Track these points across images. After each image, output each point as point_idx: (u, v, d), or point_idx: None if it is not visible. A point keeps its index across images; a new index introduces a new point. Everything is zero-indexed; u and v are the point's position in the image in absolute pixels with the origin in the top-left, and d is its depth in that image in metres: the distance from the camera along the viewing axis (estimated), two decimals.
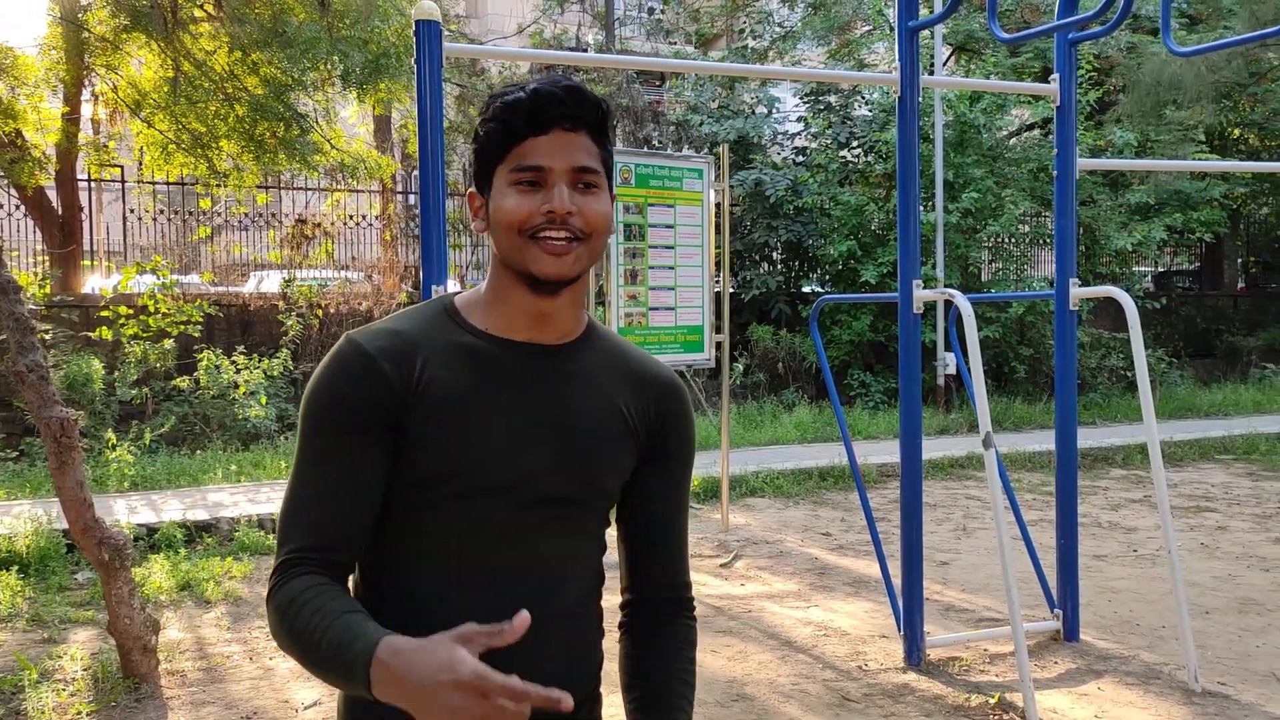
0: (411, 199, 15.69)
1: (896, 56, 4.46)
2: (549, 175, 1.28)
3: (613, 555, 1.48)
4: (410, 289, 12.76)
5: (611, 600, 1.42)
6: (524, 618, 1.07)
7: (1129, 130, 13.43)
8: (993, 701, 4.08)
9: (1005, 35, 4.14)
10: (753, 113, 14.55)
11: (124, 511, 7.03)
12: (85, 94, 10.79)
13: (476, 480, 1.29)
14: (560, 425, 1.34)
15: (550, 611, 1.34)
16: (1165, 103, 13.62)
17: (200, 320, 9.89)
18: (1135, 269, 15.41)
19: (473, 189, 1.36)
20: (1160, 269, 18.66)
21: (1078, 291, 4.72)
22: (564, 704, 1.04)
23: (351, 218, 13.43)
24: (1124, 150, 13.10)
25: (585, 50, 18.14)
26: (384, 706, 1.23)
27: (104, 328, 9.57)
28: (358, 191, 13.39)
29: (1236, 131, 17.05)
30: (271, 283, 12.58)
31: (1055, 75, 4.71)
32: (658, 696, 1.46)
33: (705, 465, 8.74)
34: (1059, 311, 4.78)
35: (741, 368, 12.54)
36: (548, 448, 1.32)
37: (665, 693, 1.47)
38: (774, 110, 14.78)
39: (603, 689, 1.52)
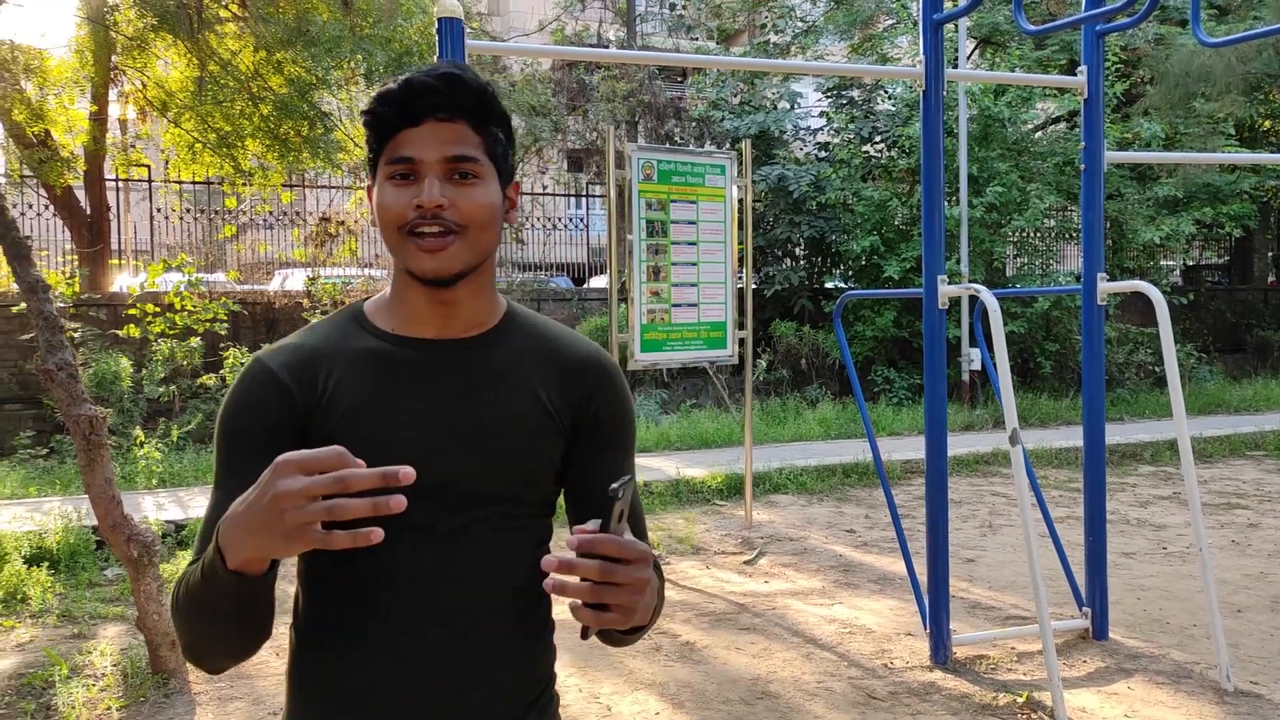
0: None
1: (921, 50, 4.42)
2: (420, 167, 1.24)
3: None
4: None
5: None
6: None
7: (1156, 123, 13.28)
8: (1021, 700, 4.04)
9: (1031, 27, 4.09)
10: (774, 108, 14.49)
11: (152, 508, 7.10)
12: (113, 95, 10.89)
13: (397, 488, 1.24)
14: (475, 421, 1.29)
15: (493, 612, 1.30)
16: (1194, 94, 13.45)
17: (225, 318, 9.96)
18: (1163, 263, 15.25)
19: (369, 182, 1.33)
20: (1188, 263, 18.44)
21: (1106, 286, 4.67)
22: (404, 477, 1.03)
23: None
24: (1151, 143, 12.95)
25: (607, 47, 18.13)
26: (335, 673, 1.23)
27: (131, 326, 9.66)
28: None
29: (1267, 123, 16.82)
30: (296, 281, 12.66)
31: (1083, 67, 4.66)
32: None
33: (729, 462, 8.72)
34: (1086, 306, 4.73)
35: (764, 364, 12.50)
36: (464, 446, 1.28)
37: None
38: (796, 105, 14.73)
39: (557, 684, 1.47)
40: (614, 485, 1.08)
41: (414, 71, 1.27)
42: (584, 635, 1.16)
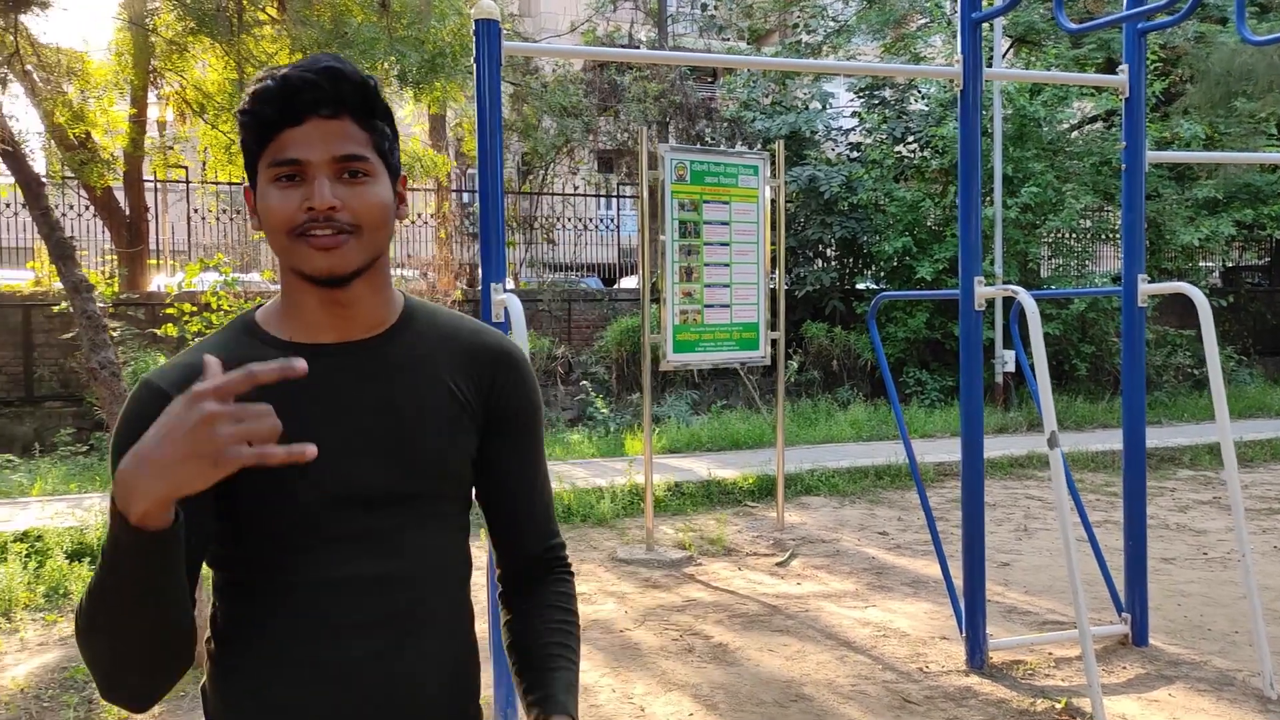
0: (465, 197, 15.82)
1: (959, 49, 4.38)
2: (308, 168, 1.18)
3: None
4: (464, 286, 12.87)
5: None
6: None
7: (1196, 122, 13.09)
8: (1059, 706, 4.00)
9: (1072, 25, 4.05)
10: (806, 108, 14.44)
11: None
12: (152, 97, 11.03)
13: (314, 493, 1.21)
14: (386, 421, 1.26)
15: (428, 614, 1.27)
16: (1235, 93, 13.25)
17: None
18: (1202, 264, 15.04)
19: (247, 184, 1.27)
20: (1228, 264, 18.17)
21: (1147, 288, 4.61)
22: (298, 369, 1.01)
23: (408, 216, 13.57)
24: (1191, 143, 12.77)
25: (638, 47, 18.14)
26: (265, 687, 1.19)
27: (169, 325, 9.78)
28: (413, 190, 13.53)
29: None
30: None
31: (1123, 66, 4.60)
32: (536, 652, 1.39)
33: (761, 463, 8.70)
34: (1127, 308, 4.67)
35: (795, 365, 12.46)
36: (378, 447, 1.24)
37: (544, 646, 1.40)
38: (828, 106, 14.66)
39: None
40: None
41: (289, 67, 1.20)
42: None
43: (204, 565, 1.27)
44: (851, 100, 15.27)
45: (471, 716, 1.36)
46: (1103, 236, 14.09)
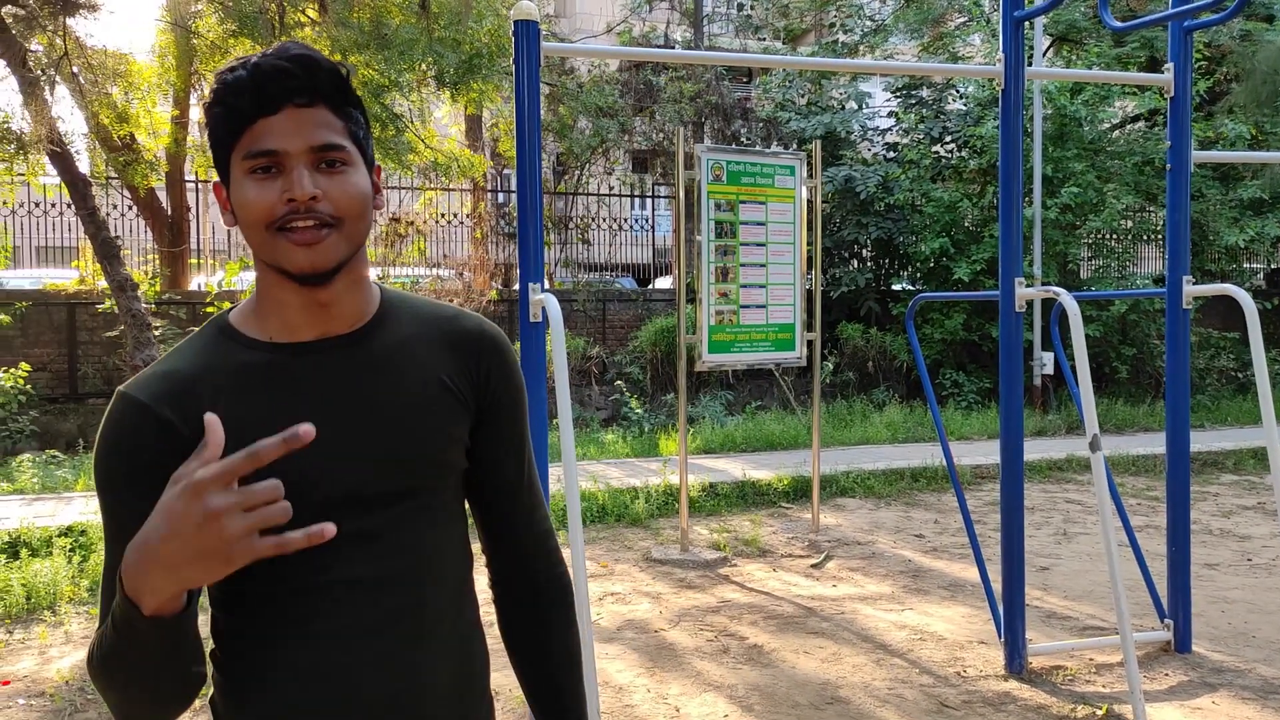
0: (501, 197, 15.89)
1: (1000, 48, 4.34)
2: (285, 159, 1.14)
3: None
4: (500, 286, 12.93)
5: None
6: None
7: (1242, 122, 12.87)
8: (1100, 713, 3.95)
9: (1117, 24, 4.00)
10: (842, 108, 14.36)
11: None
12: (194, 98, 11.19)
13: (312, 496, 1.17)
14: (378, 417, 1.22)
15: (432, 612, 1.25)
16: None
17: None
18: (1246, 265, 14.78)
19: (217, 180, 1.22)
20: (1273, 266, 17.83)
21: (1191, 289, 4.54)
22: (304, 435, 0.96)
23: (443, 216, 13.67)
24: (1236, 143, 12.55)
25: (674, 48, 18.14)
26: (272, 694, 1.16)
27: None
28: (449, 190, 13.61)
29: None
30: None
31: (1169, 65, 4.54)
32: (548, 680, 1.40)
33: (796, 464, 8.66)
34: (1171, 310, 4.60)
35: (831, 366, 12.40)
36: (372, 445, 1.21)
37: (553, 672, 1.40)
38: (864, 105, 14.57)
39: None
40: None
41: (259, 56, 1.16)
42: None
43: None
44: (888, 100, 15.17)
45: (483, 713, 1.35)
46: (1144, 237, 13.89)
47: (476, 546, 1.41)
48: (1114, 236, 13.71)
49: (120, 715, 1.13)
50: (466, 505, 1.39)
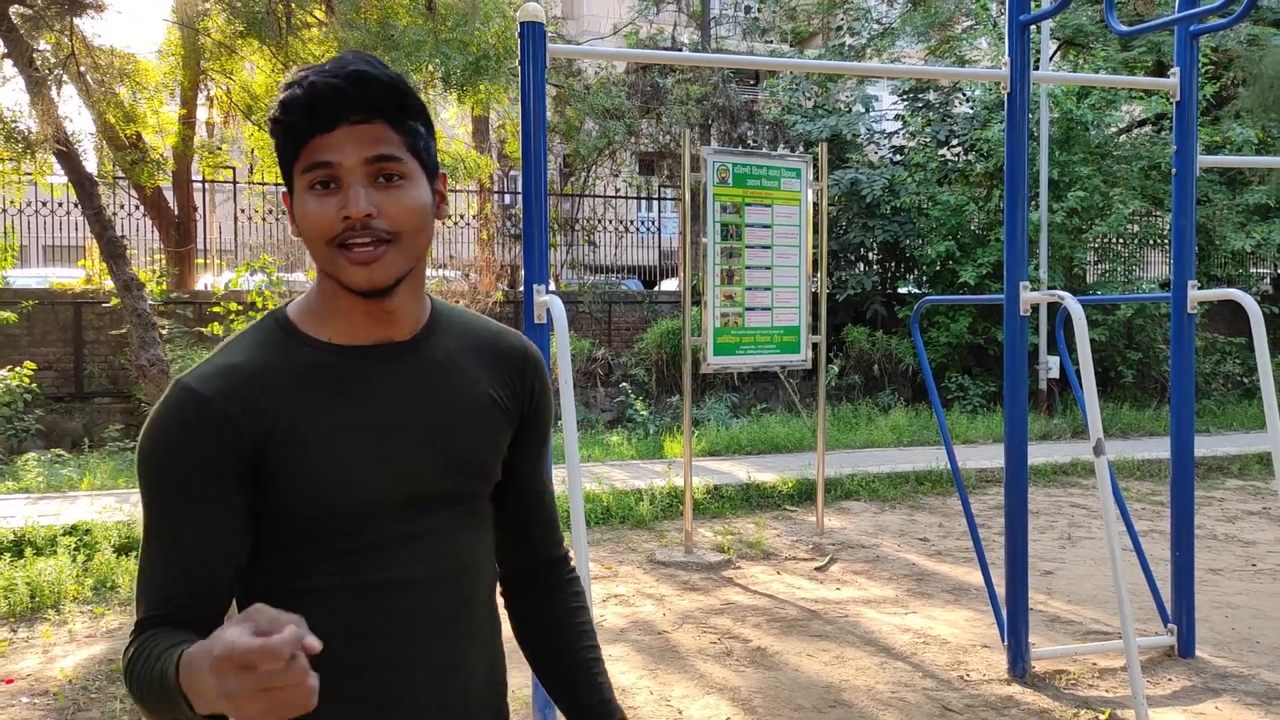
0: (508, 199, 15.92)
1: (1006, 51, 4.34)
2: (341, 172, 1.15)
3: None
4: (506, 288, 12.94)
5: None
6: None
7: (1249, 126, 12.84)
8: (1103, 718, 3.94)
9: (1123, 28, 3.99)
10: (848, 111, 14.36)
11: None
12: (201, 98, 11.22)
13: (368, 498, 1.19)
14: (433, 421, 1.24)
15: (468, 615, 1.27)
16: None
17: None
18: (1253, 270, 14.75)
19: (285, 190, 1.24)
20: (1279, 270, 17.81)
21: (1197, 294, 4.53)
22: (310, 648, 0.91)
23: (450, 217, 13.68)
24: (1243, 147, 12.53)
25: (681, 50, 18.14)
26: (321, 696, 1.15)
27: (215, 323, 9.93)
28: (456, 191, 13.63)
29: None
30: None
31: (1175, 69, 4.53)
32: (574, 656, 1.42)
33: (800, 467, 8.66)
34: (1176, 315, 4.60)
35: (836, 369, 12.39)
36: (428, 448, 1.23)
37: (581, 650, 1.42)
38: (870, 109, 14.56)
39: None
40: None
41: (316, 71, 1.16)
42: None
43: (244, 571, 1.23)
44: (895, 103, 15.16)
45: (504, 714, 1.37)
46: (1150, 242, 13.86)
47: None
48: (1120, 241, 13.68)
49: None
50: None
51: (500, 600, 1.44)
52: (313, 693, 0.92)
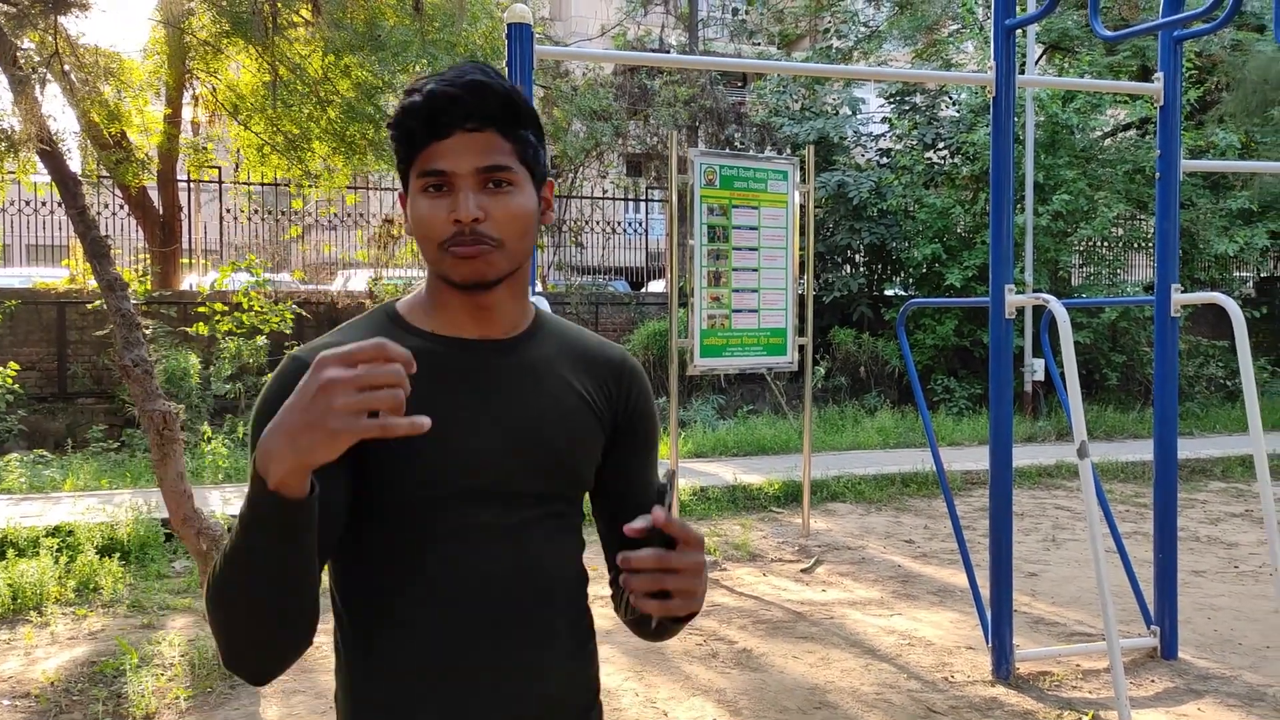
0: None
1: (992, 55, 4.36)
2: (453, 180, 1.22)
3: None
4: None
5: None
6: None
7: (1232, 131, 12.93)
8: (1086, 719, 3.96)
9: (1107, 33, 4.02)
10: (835, 113, 14.40)
11: (218, 503, 7.25)
12: (186, 97, 11.15)
13: (450, 486, 1.23)
14: (527, 419, 1.28)
15: (548, 617, 1.29)
16: (1272, 102, 13.08)
17: (291, 320, 10.17)
18: (1236, 274, 14.85)
19: (402, 190, 1.32)
20: (1263, 275, 17.95)
21: (1180, 298, 4.56)
22: (420, 425, 0.99)
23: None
24: (1226, 152, 12.62)
25: (668, 52, 18.16)
26: (391, 682, 1.20)
27: (200, 324, 9.89)
28: None
29: None
30: (359, 281, 12.86)
31: (1159, 74, 4.56)
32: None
33: (786, 469, 8.67)
34: (1159, 318, 4.63)
35: (823, 371, 12.42)
36: (517, 445, 1.27)
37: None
38: (858, 111, 14.61)
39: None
40: (663, 478, 1.11)
41: (436, 80, 1.23)
42: (650, 626, 1.19)
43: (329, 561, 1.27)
44: (882, 106, 15.21)
45: (591, 703, 1.37)
46: (1135, 245, 13.94)
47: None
48: (1105, 244, 13.76)
49: (228, 653, 1.13)
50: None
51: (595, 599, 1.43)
52: (402, 397, 0.98)
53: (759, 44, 20.97)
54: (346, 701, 1.28)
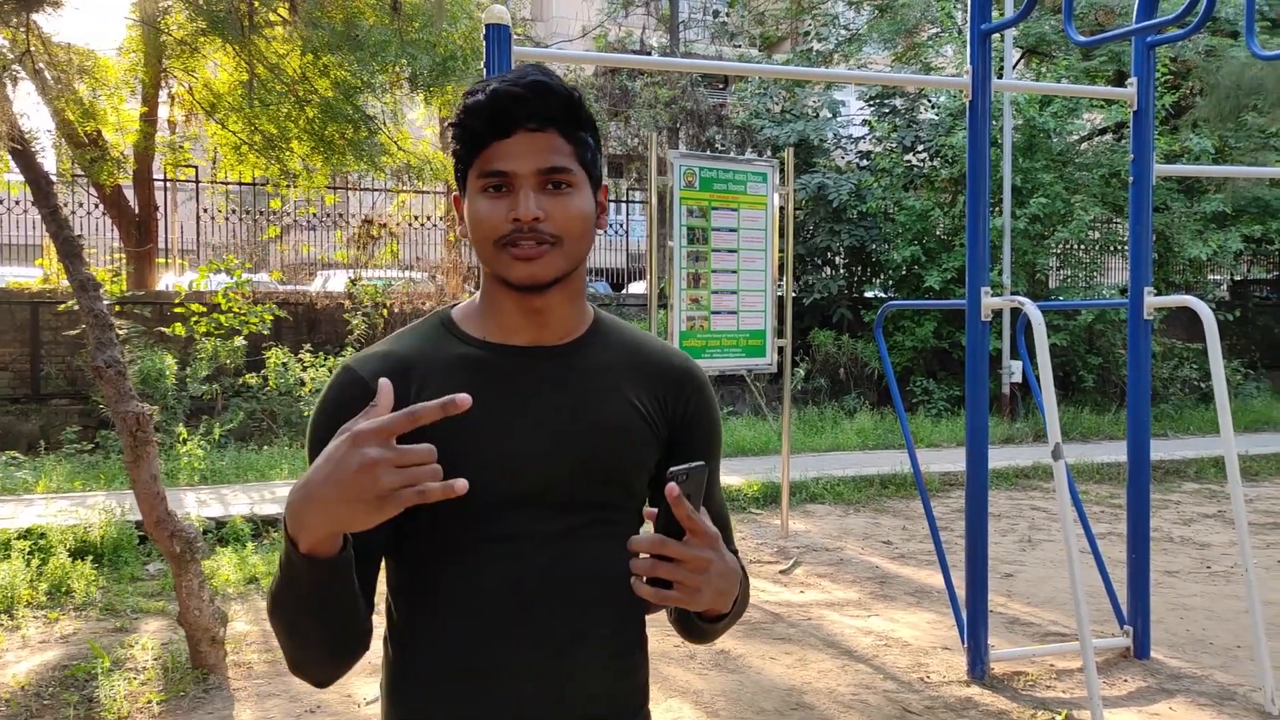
0: None
1: (968, 59, 4.38)
2: (514, 180, 1.23)
3: None
4: (473, 289, 12.88)
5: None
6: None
7: (1206, 137, 13.06)
8: (1059, 718, 3.99)
9: (1082, 38, 4.05)
10: (816, 116, 14.45)
11: (193, 505, 7.20)
12: (162, 96, 11.07)
13: (498, 492, 1.24)
14: (577, 427, 1.28)
15: (592, 624, 1.28)
16: (1245, 107, 13.22)
17: (270, 320, 10.11)
18: (1210, 277, 14.99)
19: (456, 192, 1.32)
20: (1236, 278, 18.14)
21: (1153, 300, 4.60)
22: (460, 404, 1.03)
23: (416, 218, 13.61)
24: (1201, 157, 12.74)
25: (649, 54, 18.17)
26: (437, 683, 1.22)
27: (178, 324, 9.81)
28: (423, 192, 13.55)
29: None
30: (338, 282, 12.80)
31: (1133, 79, 4.60)
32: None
33: (765, 470, 8.69)
34: (1133, 321, 4.67)
35: (802, 373, 12.45)
36: (565, 452, 1.27)
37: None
38: (838, 114, 14.66)
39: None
40: (676, 468, 1.09)
41: (498, 80, 1.24)
42: (645, 611, 1.18)
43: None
44: (861, 109, 15.28)
45: (637, 713, 1.37)
46: (1111, 248, 14.06)
47: None
48: (1081, 247, 13.87)
49: (290, 662, 1.21)
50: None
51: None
52: (439, 468, 1.02)
53: (740, 46, 21.02)
54: (387, 699, 1.31)
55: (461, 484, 1.02)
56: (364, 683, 4.31)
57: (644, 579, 1.12)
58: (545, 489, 1.26)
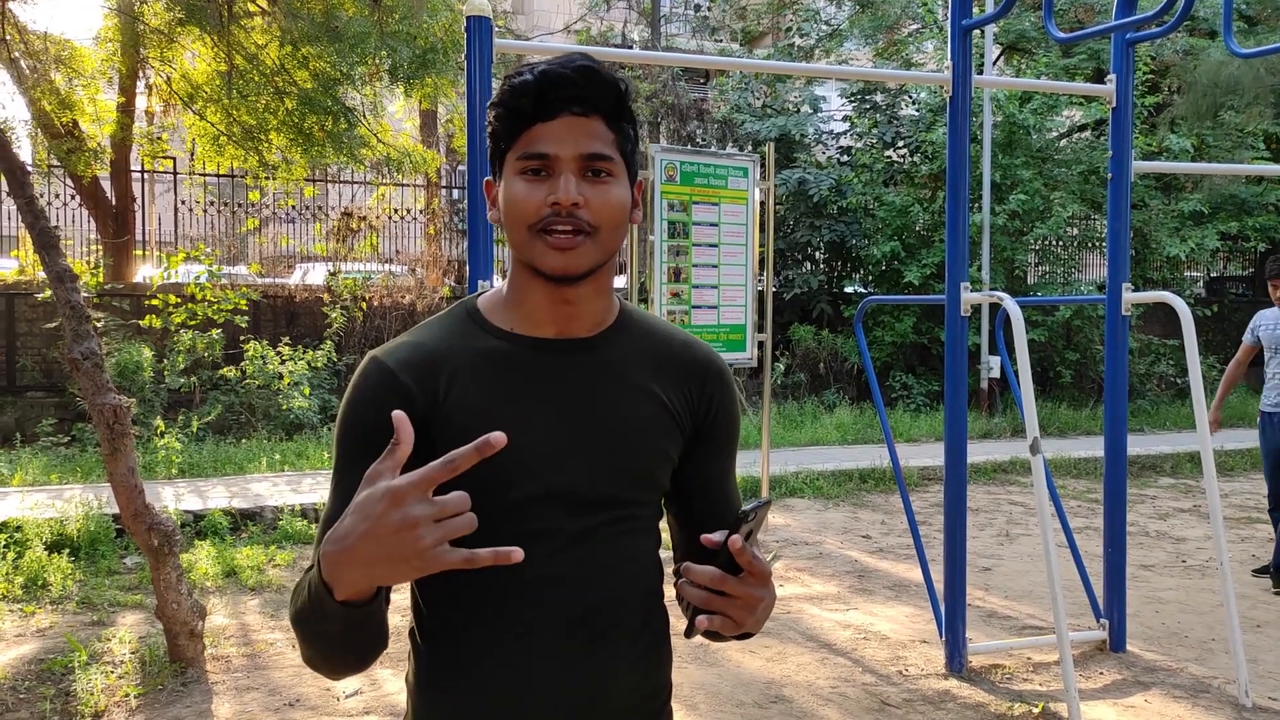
0: (455, 194, 15.79)
1: (949, 55, 4.40)
2: (556, 164, 1.20)
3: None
4: (453, 283, 12.84)
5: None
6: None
7: (1185, 136, 13.17)
8: (1036, 711, 4.02)
9: (1061, 35, 4.07)
10: (797, 111, 14.47)
11: (171, 498, 7.15)
12: (140, 86, 10.96)
13: (522, 489, 1.22)
14: (602, 423, 1.27)
15: (618, 619, 1.28)
16: (1222, 106, 13.34)
17: (245, 307, 10.02)
18: (1187, 274, 15.13)
19: (489, 176, 1.29)
20: (1213, 274, 18.31)
21: (1131, 296, 4.64)
22: (495, 443, 1.00)
23: (396, 211, 13.54)
24: (1179, 155, 12.85)
25: (631, 47, 18.14)
26: (465, 679, 1.21)
27: (153, 316, 9.73)
28: (403, 185, 13.50)
29: None
30: (317, 275, 12.72)
31: (1111, 76, 4.63)
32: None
33: (745, 465, 8.70)
34: (1110, 317, 4.70)
35: (782, 367, 12.48)
36: (591, 448, 1.26)
37: None
38: (819, 109, 14.69)
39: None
40: (746, 508, 1.10)
41: (546, 63, 1.22)
42: (688, 633, 1.19)
43: None
44: (842, 104, 15.31)
45: (662, 706, 1.37)
46: (1089, 245, 14.16)
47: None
48: (1060, 243, 13.96)
49: (308, 663, 1.21)
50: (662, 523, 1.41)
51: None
52: (474, 518, 1.01)
53: (721, 41, 21.01)
54: (416, 694, 1.31)
55: (518, 553, 1.02)
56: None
57: (687, 603, 1.13)
58: (572, 486, 1.25)
